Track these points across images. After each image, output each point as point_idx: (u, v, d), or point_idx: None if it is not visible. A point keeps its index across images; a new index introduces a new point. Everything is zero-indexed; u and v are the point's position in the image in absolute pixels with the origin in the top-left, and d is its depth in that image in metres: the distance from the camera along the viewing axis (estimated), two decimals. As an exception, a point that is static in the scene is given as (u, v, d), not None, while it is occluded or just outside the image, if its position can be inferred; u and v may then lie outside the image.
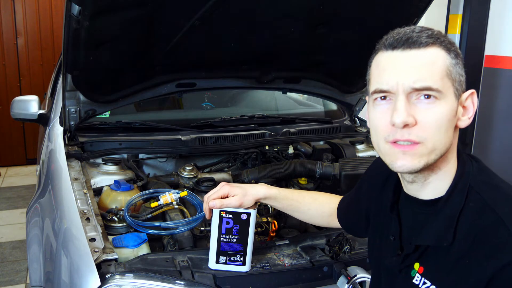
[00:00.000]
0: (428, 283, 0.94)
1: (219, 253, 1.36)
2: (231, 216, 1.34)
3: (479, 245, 0.87)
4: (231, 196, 1.34)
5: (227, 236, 1.35)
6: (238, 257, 1.37)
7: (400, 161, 0.92)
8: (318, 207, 1.43)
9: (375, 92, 0.95)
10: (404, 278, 1.00)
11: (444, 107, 0.90)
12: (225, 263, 1.37)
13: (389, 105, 0.93)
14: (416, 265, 0.98)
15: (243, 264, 1.37)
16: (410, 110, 0.89)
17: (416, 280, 0.97)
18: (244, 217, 1.34)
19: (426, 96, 0.89)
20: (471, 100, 0.96)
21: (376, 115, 0.96)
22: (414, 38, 0.91)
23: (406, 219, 1.05)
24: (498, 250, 0.85)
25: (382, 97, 0.94)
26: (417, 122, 0.89)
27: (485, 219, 0.88)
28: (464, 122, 0.95)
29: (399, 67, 0.91)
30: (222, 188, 1.35)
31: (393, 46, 0.92)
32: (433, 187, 0.97)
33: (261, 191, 1.37)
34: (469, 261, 0.88)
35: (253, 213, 1.35)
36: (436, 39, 0.91)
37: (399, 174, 1.05)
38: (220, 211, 1.33)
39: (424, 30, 0.92)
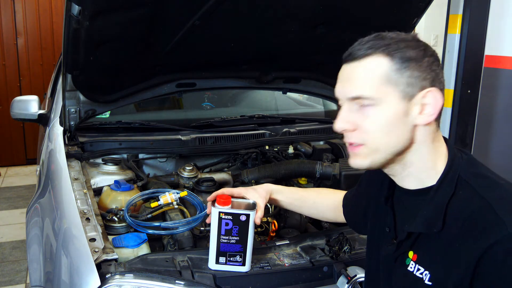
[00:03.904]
0: (422, 269, 0.98)
1: (219, 253, 1.35)
2: (230, 217, 1.32)
3: (468, 230, 0.91)
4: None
5: (227, 237, 1.33)
6: (238, 258, 1.35)
7: (351, 160, 1.05)
8: (323, 201, 1.48)
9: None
10: (400, 267, 1.04)
11: (381, 112, 0.97)
12: (225, 263, 1.36)
13: None
14: (410, 253, 1.02)
15: (243, 264, 1.36)
16: (350, 116, 1.00)
17: (411, 268, 1.01)
18: (243, 218, 1.32)
19: (363, 104, 0.98)
20: (432, 96, 0.97)
21: None
22: (355, 51, 0.99)
23: (399, 210, 1.10)
24: (485, 232, 0.88)
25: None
26: (357, 127, 1.00)
27: (474, 205, 0.93)
28: (423, 119, 0.98)
29: (341, 79, 1.03)
30: (222, 190, 1.42)
31: (344, 59, 1.03)
32: (416, 179, 1.03)
33: (270, 185, 1.46)
34: (459, 245, 0.92)
35: (252, 215, 1.33)
36: (376, 48, 0.97)
37: None
38: (219, 212, 1.32)
39: (370, 41, 0.98)
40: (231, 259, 1.35)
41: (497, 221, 0.88)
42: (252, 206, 1.36)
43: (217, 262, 1.36)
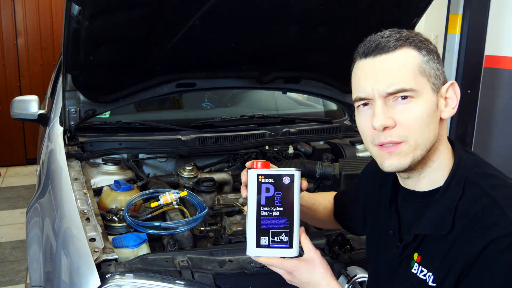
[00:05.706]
0: (425, 271, 0.96)
1: (260, 232, 1.08)
2: (271, 180, 1.08)
3: (472, 227, 0.90)
4: None
5: (268, 208, 1.08)
6: (283, 237, 1.09)
7: (387, 161, 0.97)
8: (327, 205, 1.44)
9: (356, 100, 1.00)
10: (404, 270, 1.02)
11: (421, 104, 0.94)
12: (268, 246, 1.09)
13: (370, 110, 0.98)
14: (415, 255, 1.00)
15: (291, 246, 1.09)
16: (389, 112, 0.94)
17: (415, 270, 0.99)
18: (286, 180, 1.09)
19: (402, 97, 0.94)
20: (453, 90, 0.99)
21: (360, 121, 1.02)
22: (383, 43, 0.95)
23: (405, 213, 1.08)
24: (489, 227, 0.87)
25: (364, 104, 0.99)
26: (397, 123, 0.94)
27: (481, 203, 0.91)
28: (448, 113, 0.99)
29: (372, 74, 0.96)
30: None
31: (365, 54, 0.97)
32: (429, 179, 1.00)
33: None
34: (462, 242, 0.90)
35: (298, 175, 1.09)
36: (404, 40, 0.95)
37: None
38: (258, 175, 1.08)
39: (392, 34, 0.97)
40: (275, 238, 1.09)
41: (502, 218, 0.87)
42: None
43: (258, 245, 1.09)
